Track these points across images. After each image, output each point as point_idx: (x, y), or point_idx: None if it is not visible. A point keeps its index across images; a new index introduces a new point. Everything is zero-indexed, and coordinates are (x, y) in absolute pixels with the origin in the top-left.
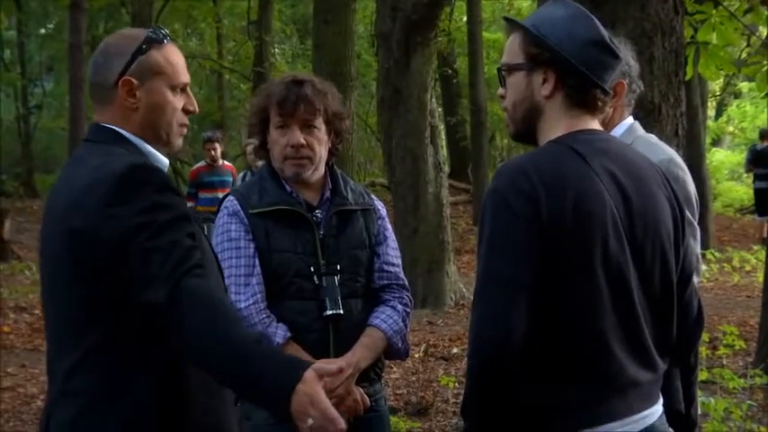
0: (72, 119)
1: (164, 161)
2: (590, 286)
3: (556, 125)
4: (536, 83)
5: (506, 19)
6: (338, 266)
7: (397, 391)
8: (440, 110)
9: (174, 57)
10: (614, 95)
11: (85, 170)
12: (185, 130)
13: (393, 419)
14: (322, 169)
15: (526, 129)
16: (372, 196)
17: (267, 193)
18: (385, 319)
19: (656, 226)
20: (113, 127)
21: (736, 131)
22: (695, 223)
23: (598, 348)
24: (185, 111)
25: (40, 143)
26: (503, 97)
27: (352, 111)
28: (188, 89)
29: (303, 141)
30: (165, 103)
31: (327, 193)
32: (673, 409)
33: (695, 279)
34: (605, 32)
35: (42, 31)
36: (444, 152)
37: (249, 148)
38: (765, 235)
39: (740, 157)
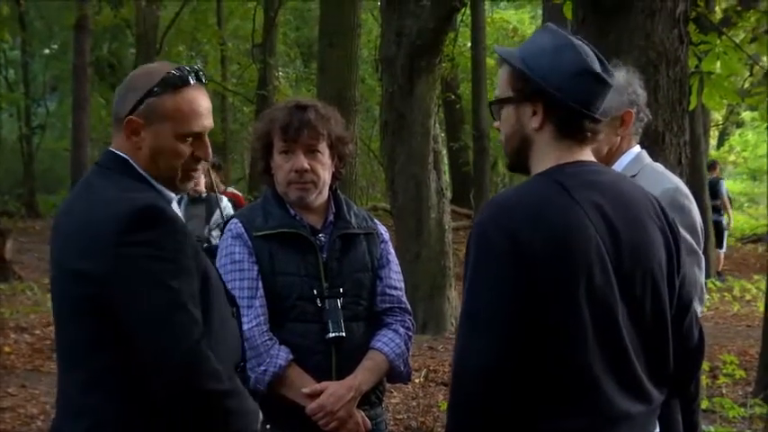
0: (75, 140)
1: (170, 196)
2: (573, 319)
3: (545, 157)
4: (525, 116)
5: (497, 50)
6: (341, 290)
7: (398, 416)
8: (442, 135)
9: (192, 103)
10: (622, 124)
11: (100, 201)
12: (195, 175)
13: None
14: (326, 193)
15: (519, 161)
16: (375, 220)
17: (271, 216)
18: (387, 342)
19: (646, 258)
20: (126, 157)
21: (738, 160)
22: (700, 252)
23: (584, 381)
24: (194, 158)
25: (42, 164)
26: (498, 130)
27: (356, 135)
28: (203, 136)
29: (307, 166)
30: (168, 149)
31: (331, 217)
32: None
33: (699, 308)
34: (595, 59)
35: (47, 51)
36: (447, 178)
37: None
38: (720, 268)
39: (741, 186)
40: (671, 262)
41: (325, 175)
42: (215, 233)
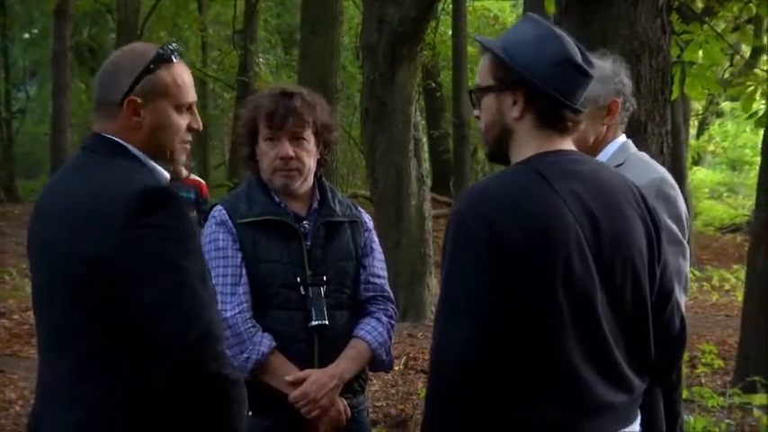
0: (55, 124)
1: (166, 175)
2: (552, 308)
3: (525, 146)
4: (506, 105)
5: (478, 39)
6: (324, 277)
7: (377, 404)
8: (423, 123)
9: (182, 76)
10: (608, 113)
11: (94, 184)
12: (188, 147)
13: None
14: (311, 180)
15: (499, 150)
16: (360, 208)
17: (256, 203)
18: (370, 330)
19: (626, 246)
20: (116, 139)
21: (718, 150)
22: (685, 242)
23: (563, 370)
24: (189, 129)
25: (22, 148)
26: (478, 118)
27: (337, 122)
28: (194, 107)
29: (292, 153)
30: (169, 123)
31: (315, 205)
32: (654, 428)
33: (683, 298)
34: (576, 50)
35: (26, 35)
36: (427, 165)
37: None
38: None
39: (721, 176)
40: (651, 250)
41: (311, 162)
42: None
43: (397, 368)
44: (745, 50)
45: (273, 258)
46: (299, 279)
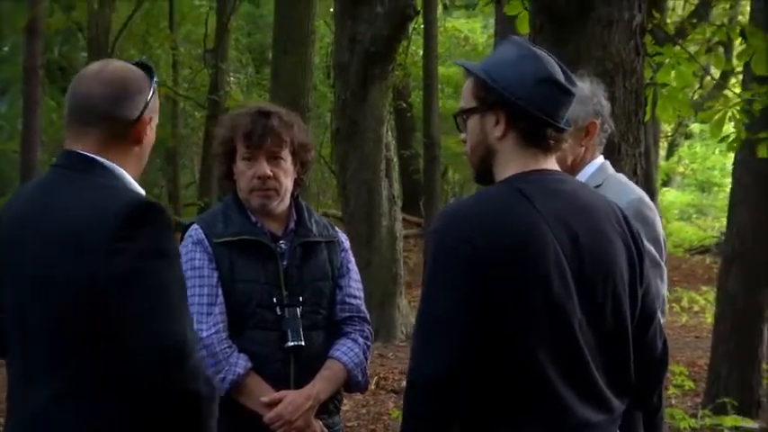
0: (25, 142)
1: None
2: (530, 328)
3: (508, 166)
4: (488, 125)
5: (460, 63)
6: (300, 298)
7: (348, 424)
8: (393, 143)
9: None
10: (587, 135)
11: (79, 200)
12: None
13: None
14: (287, 200)
15: (484, 170)
16: (336, 228)
17: (232, 223)
18: (346, 351)
19: (607, 266)
20: (95, 156)
21: (687, 172)
22: (663, 264)
23: (541, 389)
24: None
25: None
26: (464, 142)
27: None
28: None
29: (270, 173)
30: (152, 141)
31: (292, 224)
32: None
33: (661, 320)
34: (558, 69)
35: None
36: (398, 186)
37: None
38: None
39: (690, 197)
40: (633, 271)
41: (288, 182)
42: None
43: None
44: (715, 73)
45: (250, 278)
46: (275, 299)
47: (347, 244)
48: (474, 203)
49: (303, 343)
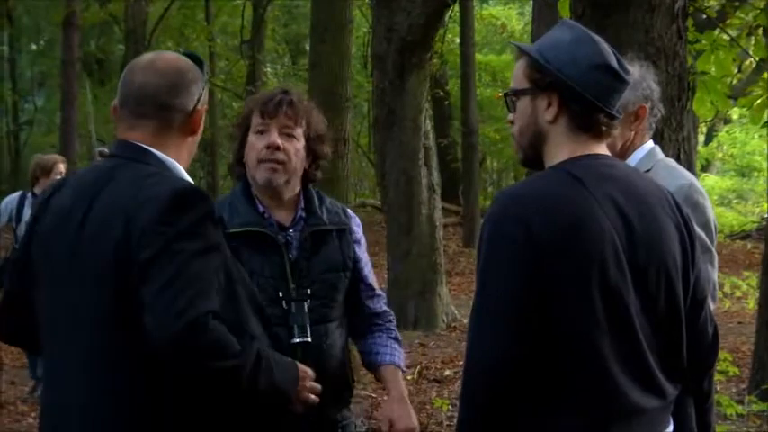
0: (63, 135)
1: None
2: (587, 312)
3: (560, 150)
4: (540, 108)
5: (514, 44)
6: (309, 291)
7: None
8: (432, 131)
9: None
10: (636, 119)
11: (130, 189)
12: None
13: None
14: (296, 187)
15: (533, 154)
16: (350, 213)
17: (238, 213)
18: (393, 352)
19: (660, 252)
20: (149, 147)
21: (726, 157)
22: (714, 250)
23: (597, 374)
24: None
25: (30, 160)
26: (512, 123)
27: (348, 131)
28: None
29: (280, 143)
30: (200, 129)
31: (301, 213)
32: None
33: (712, 305)
34: (612, 56)
35: (34, 46)
36: (437, 174)
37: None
38: None
39: (730, 182)
40: (685, 257)
41: (297, 163)
42: None
43: (410, 377)
44: (754, 54)
45: (255, 271)
46: (280, 293)
47: (360, 231)
48: (528, 188)
49: (310, 339)
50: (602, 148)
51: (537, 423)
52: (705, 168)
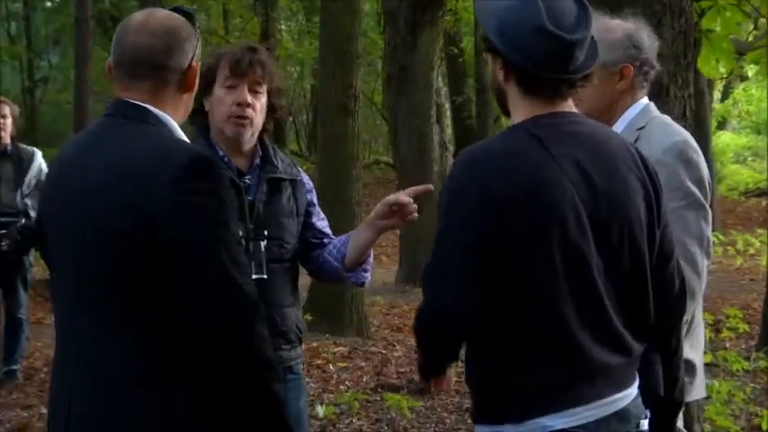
0: (77, 93)
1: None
2: (547, 271)
3: (517, 109)
4: (497, 68)
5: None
6: (266, 232)
7: (400, 370)
8: (445, 89)
9: None
10: (621, 78)
11: (137, 148)
12: None
13: (395, 398)
14: (255, 138)
15: (505, 111)
16: (300, 168)
17: None
18: (343, 241)
19: (624, 209)
20: (147, 105)
21: (743, 114)
22: (707, 206)
23: (559, 332)
24: None
25: (45, 116)
26: None
27: (358, 88)
28: None
29: (250, 101)
30: (196, 85)
31: (257, 160)
32: (652, 392)
33: (706, 262)
34: (561, 14)
35: (48, 4)
36: (449, 131)
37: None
38: None
39: (746, 140)
40: (650, 212)
41: (260, 119)
42: (30, 201)
43: None
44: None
45: None
46: (241, 232)
47: (311, 185)
48: (487, 148)
49: (266, 276)
50: (565, 106)
51: (503, 380)
52: (721, 126)
